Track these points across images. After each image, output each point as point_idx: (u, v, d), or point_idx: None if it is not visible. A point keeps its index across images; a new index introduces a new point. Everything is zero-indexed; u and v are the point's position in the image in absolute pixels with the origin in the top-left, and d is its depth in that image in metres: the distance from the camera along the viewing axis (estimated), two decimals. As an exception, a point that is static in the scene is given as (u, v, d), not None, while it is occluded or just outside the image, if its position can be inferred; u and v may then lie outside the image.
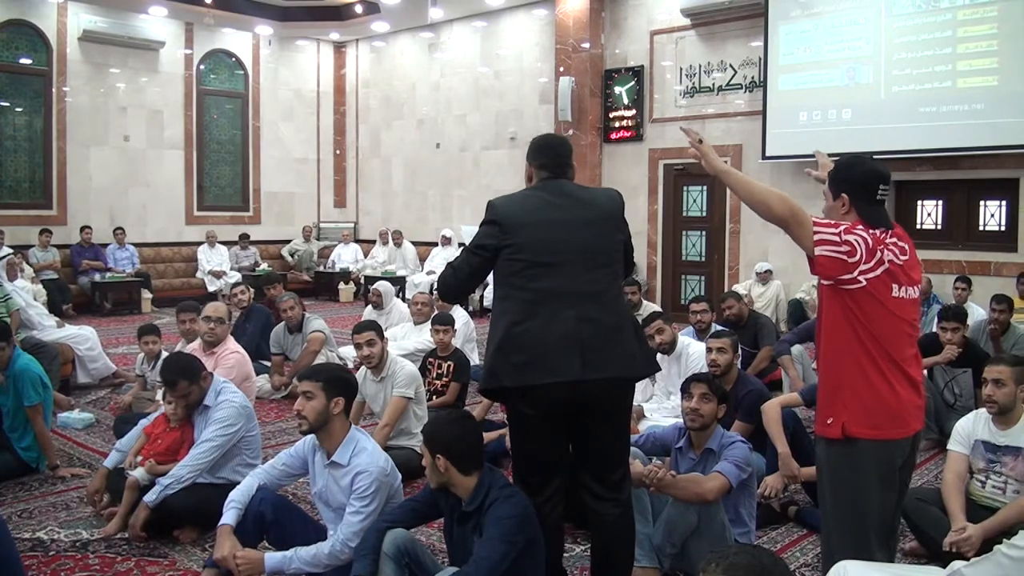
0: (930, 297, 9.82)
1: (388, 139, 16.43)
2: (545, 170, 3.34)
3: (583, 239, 3.20)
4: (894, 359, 2.86)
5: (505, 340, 3.11)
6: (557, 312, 3.10)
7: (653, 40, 12.42)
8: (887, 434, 2.85)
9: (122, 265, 13.58)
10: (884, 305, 2.83)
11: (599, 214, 3.29)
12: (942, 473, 4.26)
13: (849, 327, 2.85)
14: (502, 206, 3.24)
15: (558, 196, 3.26)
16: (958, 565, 2.90)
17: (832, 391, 2.91)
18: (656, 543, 3.78)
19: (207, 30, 15.03)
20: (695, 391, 3.95)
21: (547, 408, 3.11)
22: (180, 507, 4.15)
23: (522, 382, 3.08)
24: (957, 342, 5.82)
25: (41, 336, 7.42)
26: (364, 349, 5.27)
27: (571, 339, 3.07)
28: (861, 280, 2.80)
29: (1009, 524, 3.55)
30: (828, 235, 2.78)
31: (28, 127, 13.42)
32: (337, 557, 3.37)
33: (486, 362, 3.22)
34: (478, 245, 3.23)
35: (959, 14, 9.50)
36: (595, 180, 12.63)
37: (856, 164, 3.04)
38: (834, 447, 2.90)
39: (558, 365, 3.05)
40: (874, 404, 2.84)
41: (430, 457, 3.16)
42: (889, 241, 2.88)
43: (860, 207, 2.93)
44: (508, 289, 3.18)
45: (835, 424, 2.87)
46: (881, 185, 2.94)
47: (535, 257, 3.14)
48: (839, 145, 10.36)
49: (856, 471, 2.87)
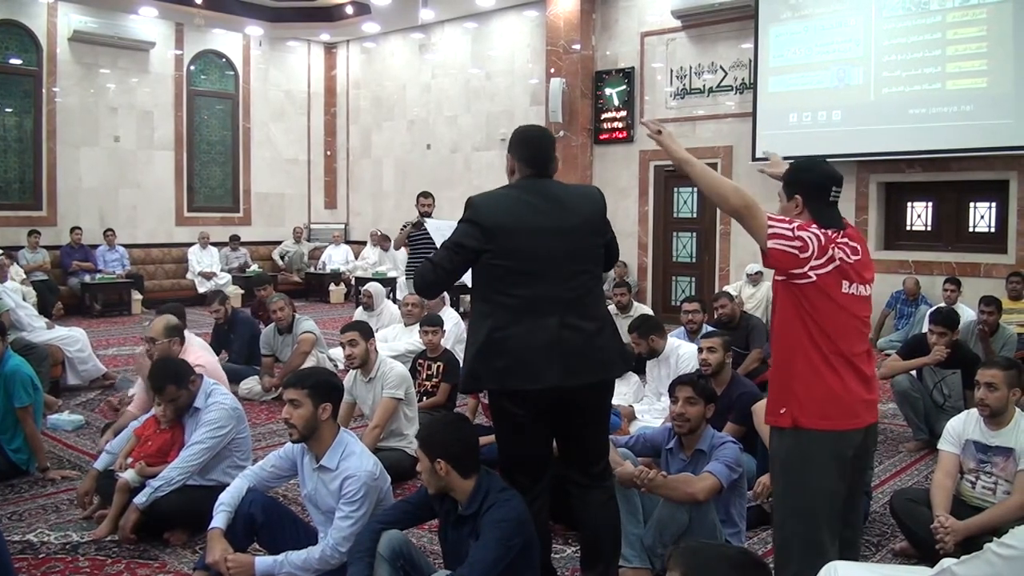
0: (919, 298, 9.87)
1: (379, 140, 16.42)
2: (528, 165, 3.32)
3: (565, 246, 3.21)
4: (844, 354, 2.94)
5: (487, 345, 3.14)
6: (539, 319, 3.13)
7: (644, 42, 12.44)
8: (837, 425, 2.93)
9: (112, 266, 13.53)
10: (834, 301, 2.93)
11: (580, 220, 3.29)
12: (932, 473, 4.27)
13: (800, 321, 2.94)
14: (485, 208, 3.20)
15: (542, 200, 3.24)
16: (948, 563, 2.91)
17: (784, 383, 3.00)
18: (647, 543, 3.78)
19: (197, 31, 14.99)
20: (680, 394, 3.92)
21: (533, 408, 3.17)
22: (170, 509, 4.14)
23: (503, 385, 3.15)
24: (945, 343, 5.84)
25: (31, 337, 7.38)
26: (347, 349, 5.27)
27: (553, 347, 3.12)
28: (811, 275, 2.89)
29: (996, 523, 3.56)
30: (782, 229, 2.88)
31: (18, 127, 13.36)
32: (328, 562, 3.36)
33: (466, 365, 3.25)
34: (458, 244, 3.19)
35: (948, 16, 9.55)
36: (585, 181, 12.61)
37: (810, 167, 3.18)
38: (786, 437, 2.98)
39: (540, 372, 3.10)
40: (824, 396, 2.92)
41: (428, 462, 3.13)
42: (840, 241, 2.97)
43: (813, 208, 3.03)
44: (489, 293, 3.19)
45: (787, 414, 2.96)
46: (834, 187, 3.07)
47: (518, 265, 3.15)
48: (829, 147, 10.45)
49: (807, 461, 2.94)
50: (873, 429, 3.11)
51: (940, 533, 3.64)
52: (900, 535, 4.23)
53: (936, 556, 3.43)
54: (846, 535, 3.12)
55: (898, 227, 10.77)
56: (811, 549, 2.91)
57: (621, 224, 12.54)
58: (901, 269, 10.33)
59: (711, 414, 4.01)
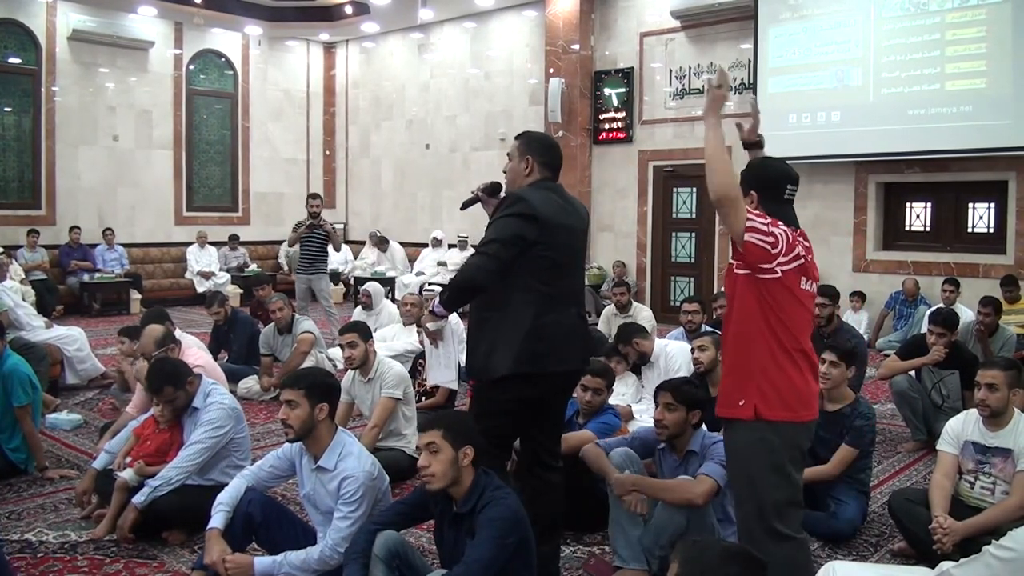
0: (918, 299, 9.88)
1: (377, 140, 16.41)
2: (548, 168, 3.57)
3: (580, 244, 3.64)
4: (802, 347, 3.01)
5: (532, 330, 3.36)
6: (566, 308, 3.49)
7: (643, 42, 12.44)
8: (799, 416, 2.98)
9: (111, 266, 13.53)
10: (795, 296, 2.99)
11: (583, 223, 3.67)
12: (931, 473, 4.28)
13: (762, 315, 2.97)
14: (538, 203, 3.38)
15: (565, 201, 3.54)
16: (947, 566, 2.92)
17: (743, 375, 3.02)
18: (645, 545, 3.78)
19: (196, 30, 14.99)
20: (660, 400, 3.89)
21: (545, 390, 3.47)
22: (169, 509, 4.13)
23: (543, 368, 3.38)
24: (944, 344, 5.84)
25: (29, 337, 7.38)
26: (346, 350, 5.27)
27: (576, 333, 3.53)
28: (778, 271, 2.94)
29: (994, 524, 3.57)
30: (759, 224, 2.91)
31: (17, 127, 13.36)
32: (326, 562, 3.36)
33: (506, 349, 3.35)
34: (517, 236, 3.34)
35: (947, 17, 9.56)
36: (585, 182, 12.65)
37: (766, 164, 3.21)
38: (746, 428, 3.00)
39: (568, 355, 3.48)
40: (785, 387, 2.96)
41: (452, 451, 3.08)
42: (800, 240, 3.03)
43: (767, 205, 3.05)
44: (533, 283, 3.39)
45: (747, 406, 2.98)
46: (789, 185, 3.11)
47: (558, 257, 3.44)
48: (829, 148, 10.47)
49: (767, 451, 2.97)
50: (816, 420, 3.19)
51: (938, 533, 3.64)
52: (899, 535, 4.23)
53: (934, 556, 3.44)
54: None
55: (897, 228, 10.77)
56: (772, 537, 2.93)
57: (620, 224, 12.55)
58: (900, 270, 10.34)
59: (696, 420, 3.90)
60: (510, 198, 3.45)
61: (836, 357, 4.52)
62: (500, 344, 3.38)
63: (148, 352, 5.16)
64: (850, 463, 4.38)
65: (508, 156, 3.65)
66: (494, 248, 3.34)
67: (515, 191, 3.49)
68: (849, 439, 4.38)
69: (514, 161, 3.59)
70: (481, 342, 3.46)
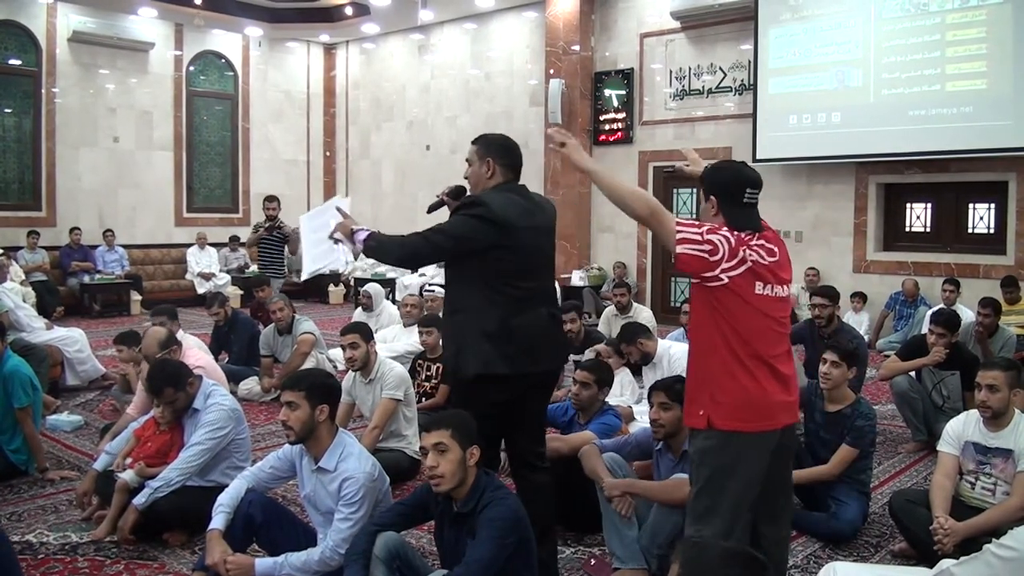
0: (918, 299, 9.87)
1: (378, 141, 16.42)
2: (511, 170, 3.59)
3: (547, 244, 3.62)
4: (759, 355, 2.94)
5: (499, 332, 3.36)
6: (536, 309, 3.47)
7: (643, 43, 12.45)
8: (752, 427, 2.93)
9: (111, 267, 13.54)
10: (748, 302, 2.92)
11: (550, 222, 3.66)
12: (931, 474, 4.28)
13: (714, 323, 2.94)
14: (497, 207, 3.36)
15: (529, 202, 3.54)
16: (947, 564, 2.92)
17: (699, 384, 3.01)
18: (643, 545, 3.78)
19: (197, 31, 15.00)
20: (655, 400, 3.92)
21: (517, 390, 3.44)
22: (169, 510, 4.13)
23: (513, 369, 3.37)
24: (944, 345, 5.84)
25: (30, 338, 7.37)
26: (347, 352, 5.27)
27: (547, 333, 3.52)
28: (723, 278, 2.89)
29: (995, 525, 3.56)
30: (690, 234, 2.88)
31: (17, 128, 13.37)
32: (327, 564, 3.35)
33: (472, 350, 3.37)
34: (467, 236, 3.35)
35: (948, 18, 9.56)
36: (585, 183, 12.63)
37: (724, 169, 3.18)
38: (702, 438, 2.99)
39: (542, 356, 3.49)
40: (739, 398, 2.92)
41: (460, 451, 3.10)
42: (755, 243, 2.97)
43: (727, 210, 3.03)
44: (499, 285, 3.39)
45: (703, 416, 2.96)
46: (748, 189, 3.04)
47: (524, 259, 3.42)
48: (829, 148, 10.48)
49: (722, 461, 2.95)
50: (790, 430, 3.11)
51: (939, 534, 3.64)
52: (899, 536, 4.23)
53: (935, 557, 3.44)
54: (773, 532, 3.16)
55: (897, 228, 10.77)
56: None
57: (621, 225, 12.54)
58: (900, 270, 10.34)
59: None
60: (470, 199, 3.47)
61: (837, 357, 4.52)
62: (466, 345, 3.40)
63: (152, 354, 5.15)
64: (850, 463, 4.37)
65: (467, 161, 3.66)
66: (438, 238, 3.37)
67: (476, 194, 3.50)
68: (850, 439, 4.38)
69: (474, 165, 3.61)
70: (451, 342, 3.56)
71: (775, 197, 11.19)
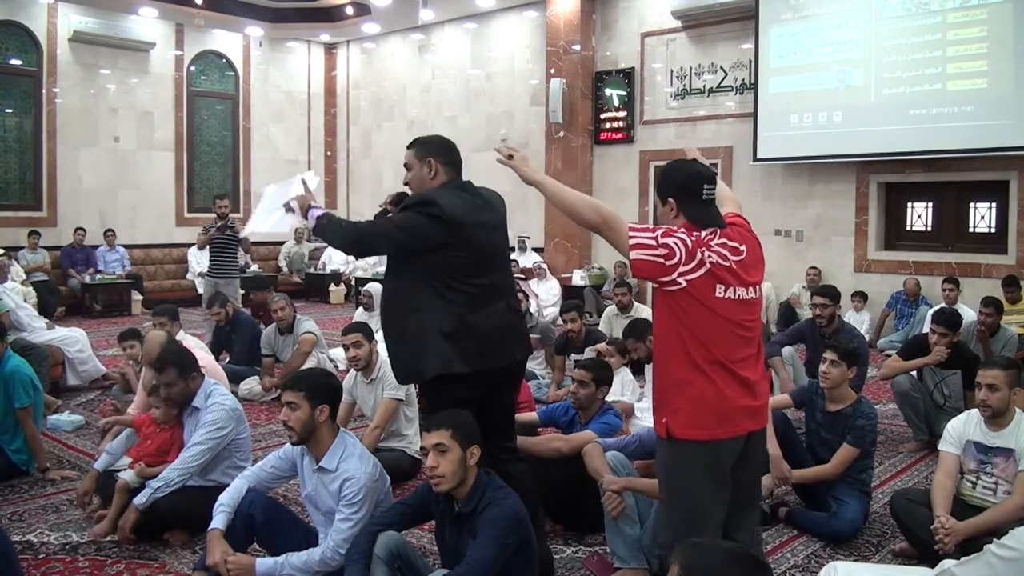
0: (919, 298, 9.87)
1: (379, 141, 16.42)
2: (454, 168, 3.62)
3: (500, 239, 3.66)
4: (720, 360, 2.84)
5: (459, 330, 3.38)
6: (493, 305, 3.49)
7: (644, 42, 12.45)
8: (712, 434, 2.84)
9: (112, 267, 13.54)
10: (707, 306, 2.82)
11: (501, 217, 3.69)
12: (932, 474, 4.27)
13: (674, 328, 2.86)
14: (447, 205, 3.38)
15: (478, 199, 3.58)
16: (948, 564, 2.91)
17: (662, 392, 2.94)
18: (644, 544, 3.78)
19: (197, 31, 14.99)
20: None
21: (482, 386, 3.46)
22: (170, 510, 4.13)
23: (473, 367, 3.39)
24: (945, 344, 5.83)
25: (31, 338, 7.37)
26: (351, 351, 5.28)
27: (507, 328, 3.55)
28: (681, 282, 2.79)
29: (996, 524, 3.56)
30: (643, 239, 2.79)
31: (18, 128, 13.37)
32: (328, 564, 3.35)
33: (432, 350, 3.37)
34: (420, 232, 3.36)
35: (949, 17, 9.56)
36: (586, 181, 12.65)
37: (678, 168, 3.08)
38: (665, 446, 2.93)
39: (501, 352, 3.51)
40: (699, 405, 2.83)
41: (460, 451, 3.10)
42: (716, 243, 2.86)
43: (687, 209, 2.94)
44: (452, 283, 3.41)
45: (664, 424, 2.89)
46: (705, 185, 2.95)
47: (476, 256, 3.45)
48: (830, 148, 10.47)
49: (684, 470, 2.89)
50: (757, 435, 3.01)
51: (940, 534, 3.63)
52: (900, 535, 4.22)
53: (936, 557, 3.44)
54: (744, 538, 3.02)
55: (898, 227, 10.77)
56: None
57: (621, 224, 12.51)
58: (901, 269, 10.34)
59: None
60: (419, 197, 3.44)
61: (837, 356, 4.50)
62: (425, 346, 3.38)
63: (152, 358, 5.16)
64: (851, 463, 4.37)
65: (406, 167, 3.62)
66: (390, 228, 3.41)
67: (425, 193, 3.46)
68: (851, 439, 4.37)
69: (415, 169, 3.58)
70: (403, 348, 3.49)
71: (776, 196, 11.21)
